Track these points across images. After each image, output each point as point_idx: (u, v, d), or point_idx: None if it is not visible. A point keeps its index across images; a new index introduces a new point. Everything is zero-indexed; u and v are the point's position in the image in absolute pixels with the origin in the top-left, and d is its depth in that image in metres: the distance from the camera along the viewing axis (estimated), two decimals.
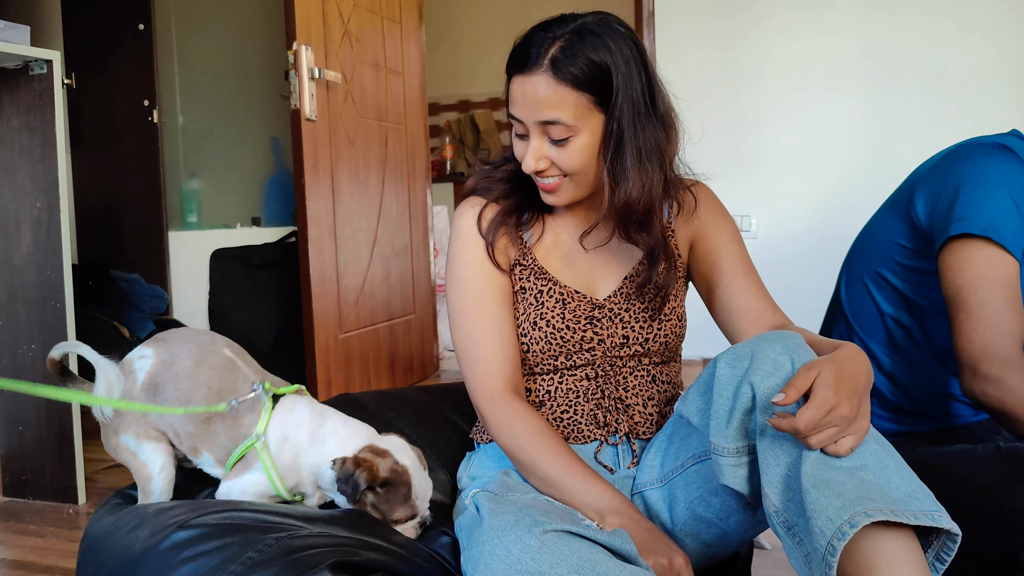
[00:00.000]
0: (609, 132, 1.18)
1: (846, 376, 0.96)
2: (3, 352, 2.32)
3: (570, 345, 1.28)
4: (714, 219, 1.36)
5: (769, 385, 1.01)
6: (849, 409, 0.95)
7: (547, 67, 1.15)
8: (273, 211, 4.09)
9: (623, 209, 1.21)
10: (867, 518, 0.90)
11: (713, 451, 1.06)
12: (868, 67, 3.57)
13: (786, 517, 0.98)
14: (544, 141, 1.20)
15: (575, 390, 1.30)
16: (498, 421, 1.23)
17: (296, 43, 2.73)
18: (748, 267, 1.33)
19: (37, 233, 2.28)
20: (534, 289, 1.31)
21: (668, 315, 1.31)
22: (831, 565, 0.90)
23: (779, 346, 1.03)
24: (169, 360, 1.26)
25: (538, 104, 1.17)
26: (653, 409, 1.31)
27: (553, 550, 0.91)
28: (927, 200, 1.53)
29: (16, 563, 1.90)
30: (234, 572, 0.98)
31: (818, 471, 0.95)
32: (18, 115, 2.28)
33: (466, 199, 1.37)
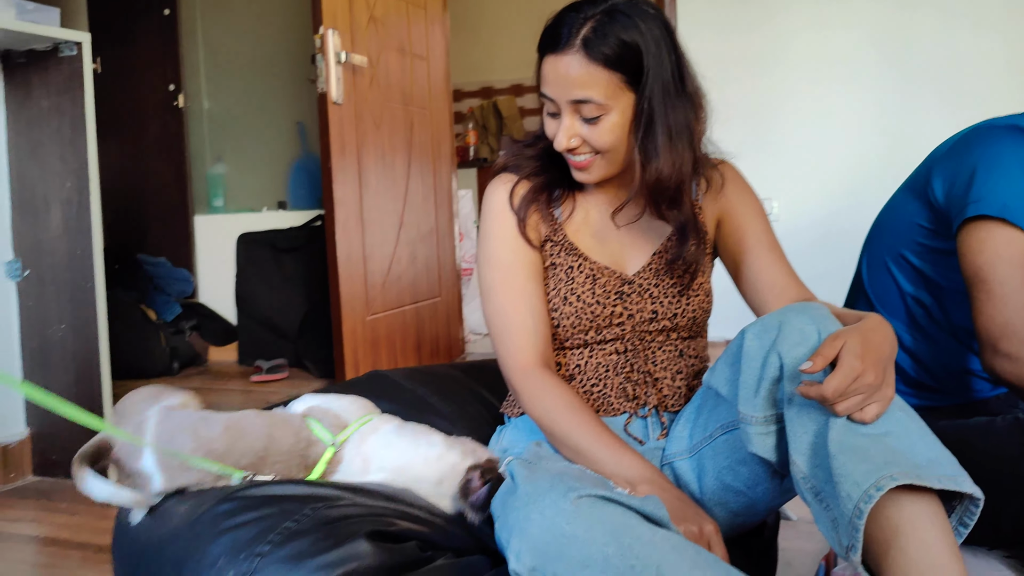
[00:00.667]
0: (640, 111, 1.20)
1: (871, 345, 0.98)
2: (33, 332, 2.34)
3: (600, 320, 1.30)
4: (740, 197, 1.38)
5: (796, 355, 1.03)
6: (875, 377, 0.96)
7: (579, 47, 1.16)
8: (299, 195, 4.10)
9: (654, 186, 1.23)
10: (893, 481, 0.92)
11: (741, 420, 1.08)
12: (883, 54, 3.55)
13: (813, 483, 1.00)
14: (576, 119, 1.21)
15: (604, 364, 1.32)
16: (530, 394, 1.25)
17: (323, 27, 2.72)
18: (773, 243, 1.35)
19: (67, 214, 2.29)
20: (564, 265, 1.32)
21: (696, 291, 1.33)
22: (858, 528, 0.93)
23: (806, 317, 1.05)
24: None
25: (570, 83, 1.18)
26: (681, 382, 1.33)
27: (587, 514, 0.92)
28: (944, 181, 1.55)
29: (49, 540, 1.92)
30: (271, 542, 0.98)
31: (844, 437, 0.97)
32: (48, 97, 2.29)
33: (497, 176, 1.38)
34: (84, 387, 2.30)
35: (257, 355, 3.85)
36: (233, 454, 1.14)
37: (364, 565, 0.95)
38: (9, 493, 2.26)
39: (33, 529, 1.99)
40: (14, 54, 2.32)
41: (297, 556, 0.96)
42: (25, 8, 2.16)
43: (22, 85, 2.32)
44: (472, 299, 4.28)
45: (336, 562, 0.95)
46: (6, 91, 2.35)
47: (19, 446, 2.36)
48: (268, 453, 1.16)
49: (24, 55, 2.31)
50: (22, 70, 2.32)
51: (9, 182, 2.36)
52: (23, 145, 2.33)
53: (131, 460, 1.13)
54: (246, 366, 3.94)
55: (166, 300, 3.93)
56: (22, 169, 2.34)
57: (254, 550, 0.98)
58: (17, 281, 2.36)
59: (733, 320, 1.88)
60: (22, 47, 2.29)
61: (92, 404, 2.30)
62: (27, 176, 2.33)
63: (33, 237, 2.33)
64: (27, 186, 2.34)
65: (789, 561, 1.58)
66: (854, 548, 0.94)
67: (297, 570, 0.95)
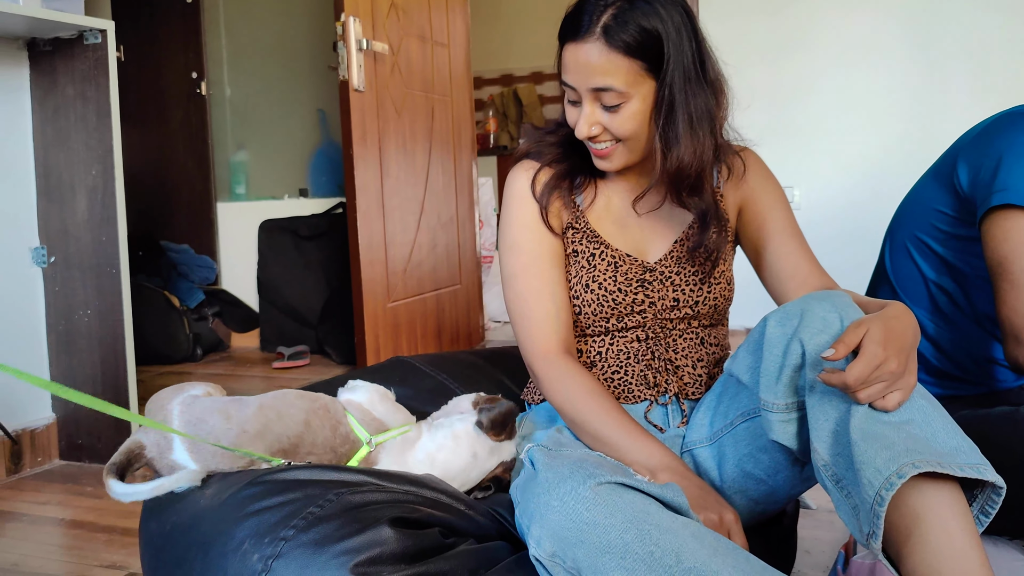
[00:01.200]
0: (661, 98, 1.19)
1: (894, 333, 0.98)
2: (59, 317, 2.36)
3: (621, 307, 1.30)
4: (762, 184, 1.37)
5: (819, 342, 1.02)
6: (897, 365, 0.96)
7: (599, 34, 1.16)
8: (320, 182, 4.11)
9: (675, 174, 1.23)
10: (915, 469, 0.92)
11: (763, 407, 1.08)
12: (910, 40, 3.50)
13: (835, 471, 1.00)
14: (597, 107, 1.21)
15: (626, 351, 1.32)
16: (551, 380, 1.25)
17: (344, 14, 2.73)
18: (795, 231, 1.34)
19: (92, 200, 2.31)
20: (586, 252, 1.32)
21: (718, 278, 1.33)
22: (879, 515, 0.92)
23: (828, 304, 1.05)
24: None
25: (591, 71, 1.18)
26: (702, 370, 1.33)
27: (607, 501, 0.93)
28: (970, 169, 1.55)
29: (76, 523, 1.95)
30: (296, 527, 0.99)
31: (866, 425, 0.97)
32: (73, 84, 2.31)
33: (519, 163, 1.38)
34: (109, 372, 2.33)
35: (279, 341, 3.88)
36: (266, 437, 1.15)
37: (387, 550, 0.96)
38: (36, 477, 2.30)
39: (60, 512, 2.02)
40: (40, 42, 2.34)
41: (321, 541, 0.97)
42: None
43: (48, 73, 2.34)
44: (492, 286, 4.28)
45: (359, 547, 0.96)
46: (32, 79, 2.37)
47: (46, 431, 2.40)
48: (302, 442, 1.17)
49: (50, 43, 2.33)
50: (48, 58, 2.34)
51: (35, 169, 2.38)
52: (49, 132, 2.36)
53: (163, 456, 1.14)
54: (268, 352, 3.97)
55: (189, 287, 3.97)
56: (48, 156, 2.36)
57: (279, 534, 0.99)
58: (43, 267, 2.38)
59: (753, 308, 1.87)
60: (48, 35, 2.31)
61: (117, 389, 2.32)
62: (53, 163, 2.36)
63: (59, 224, 2.36)
64: (53, 173, 2.36)
65: (808, 549, 1.58)
66: (875, 535, 0.94)
67: (321, 555, 0.96)
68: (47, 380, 1.01)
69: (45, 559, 1.75)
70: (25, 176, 2.37)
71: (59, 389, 0.92)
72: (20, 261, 2.36)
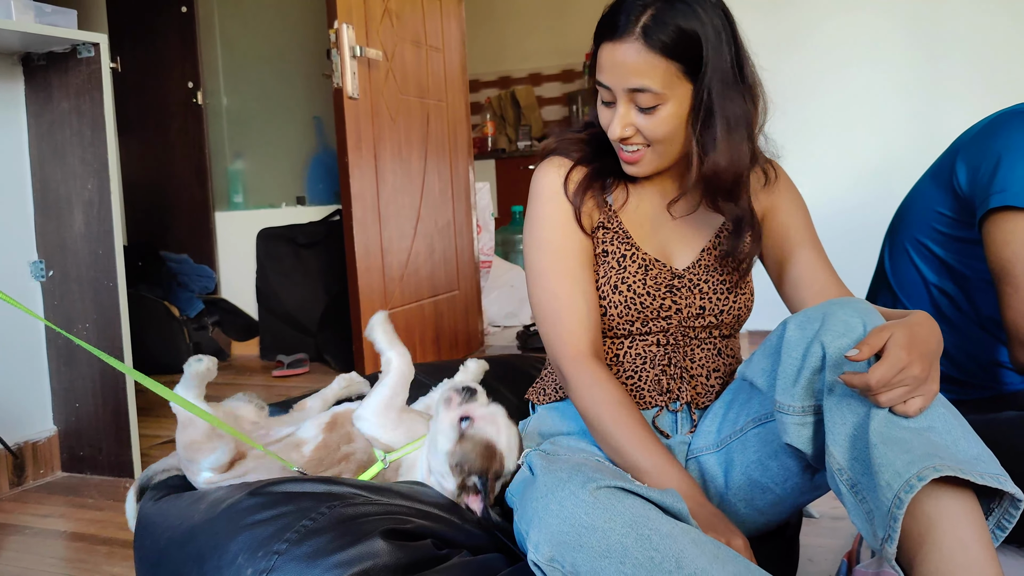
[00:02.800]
0: (699, 102, 1.18)
1: (918, 338, 0.97)
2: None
3: (648, 311, 1.29)
4: (787, 194, 1.37)
5: (840, 345, 1.02)
6: (920, 370, 0.96)
7: (638, 35, 1.15)
8: (317, 190, 4.12)
9: (712, 178, 1.22)
10: (935, 472, 0.91)
11: (778, 410, 1.07)
12: (912, 39, 3.49)
13: (850, 475, 0.99)
14: (632, 109, 1.20)
15: (643, 356, 1.31)
16: (579, 384, 1.22)
17: (337, 21, 2.74)
18: (815, 241, 1.34)
19: (88, 214, 2.32)
20: (617, 253, 1.31)
21: (743, 288, 1.33)
22: (896, 518, 0.92)
23: (850, 309, 1.05)
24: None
25: (627, 71, 1.17)
26: (716, 381, 1.32)
27: (607, 505, 0.93)
28: (968, 169, 1.52)
29: (76, 535, 1.95)
30: (289, 540, 1.00)
31: (886, 429, 0.96)
32: (67, 98, 2.32)
33: (547, 159, 1.35)
34: (109, 384, 2.34)
35: (278, 350, 3.88)
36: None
37: (380, 563, 0.97)
38: (38, 489, 2.31)
39: (61, 524, 2.03)
40: (34, 56, 2.35)
41: (314, 554, 0.97)
42: (43, 11, 2.19)
43: (43, 87, 2.35)
44: (491, 291, 4.29)
45: (352, 560, 0.96)
46: (27, 94, 2.38)
47: (47, 443, 2.40)
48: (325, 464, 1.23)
49: (44, 57, 2.33)
50: (42, 72, 2.34)
51: (32, 184, 2.39)
52: (45, 147, 2.36)
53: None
54: (268, 361, 3.98)
55: (189, 296, 3.98)
56: (44, 171, 2.37)
57: (272, 548, 0.99)
58: (42, 281, 2.39)
59: (770, 314, 1.87)
60: (42, 49, 2.32)
61: (117, 399, 2.33)
62: (50, 178, 2.37)
63: (57, 238, 2.37)
64: (50, 188, 2.37)
65: (811, 558, 1.57)
66: (890, 540, 0.92)
67: (314, 568, 0.96)
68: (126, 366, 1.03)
69: (47, 572, 1.76)
70: (22, 191, 2.38)
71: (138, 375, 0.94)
72: (19, 275, 2.37)
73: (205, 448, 1.23)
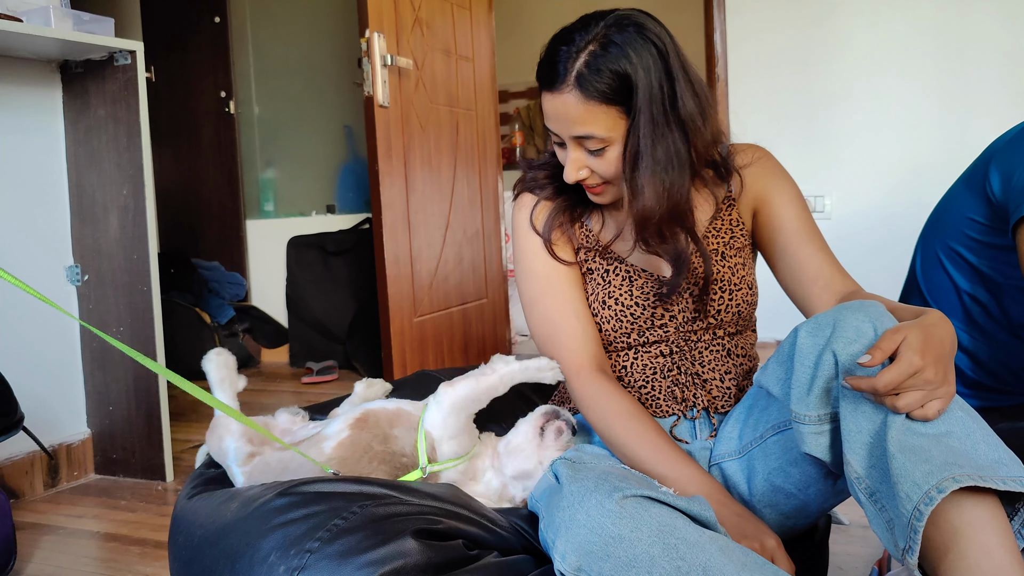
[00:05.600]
0: (627, 145, 1.18)
1: (932, 341, 0.95)
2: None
3: (641, 322, 1.29)
4: (775, 184, 1.34)
5: (852, 352, 1.00)
6: (935, 373, 0.94)
7: (573, 84, 1.15)
8: (347, 198, 4.15)
9: (641, 221, 1.21)
10: (955, 483, 0.89)
11: (794, 419, 1.05)
12: (942, 48, 3.47)
13: (868, 484, 0.97)
14: (582, 152, 1.21)
15: (651, 366, 1.31)
16: (586, 397, 1.24)
17: (369, 30, 2.76)
18: (813, 232, 1.31)
19: (124, 220, 2.35)
20: (600, 269, 1.33)
21: (739, 284, 1.31)
22: (917, 530, 0.90)
23: (862, 314, 1.02)
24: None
25: (570, 121, 1.18)
26: (731, 383, 1.31)
27: (633, 515, 0.92)
28: (1002, 175, 1.50)
29: (110, 536, 1.98)
30: (320, 539, 1.00)
31: (904, 437, 0.94)
32: (104, 105, 2.36)
33: (518, 198, 1.40)
34: (142, 388, 2.37)
35: (308, 357, 3.91)
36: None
37: (411, 563, 0.97)
38: (73, 490, 2.34)
39: (95, 525, 2.05)
40: (72, 64, 2.39)
41: (345, 553, 0.98)
42: (81, 19, 2.23)
43: (80, 94, 2.39)
44: (519, 300, 4.29)
45: (383, 559, 0.96)
46: (65, 101, 2.42)
47: (81, 445, 2.44)
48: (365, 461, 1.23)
49: (81, 65, 2.38)
50: (80, 80, 2.39)
51: (68, 190, 2.43)
52: (82, 154, 2.40)
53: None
54: (297, 368, 4.00)
55: (220, 303, 4.02)
56: (81, 177, 2.41)
57: (304, 546, 1.00)
58: (77, 286, 2.43)
59: (783, 319, 1.85)
60: (79, 57, 2.36)
61: (150, 404, 2.36)
62: (86, 184, 2.40)
63: (92, 243, 2.40)
64: (86, 193, 2.41)
65: (840, 566, 1.56)
66: (911, 551, 0.91)
67: (345, 566, 0.96)
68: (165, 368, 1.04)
69: (80, 571, 1.78)
70: (59, 196, 2.42)
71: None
72: (55, 279, 2.41)
73: (220, 448, 1.28)
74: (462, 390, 1.24)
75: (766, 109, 3.64)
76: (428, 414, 1.24)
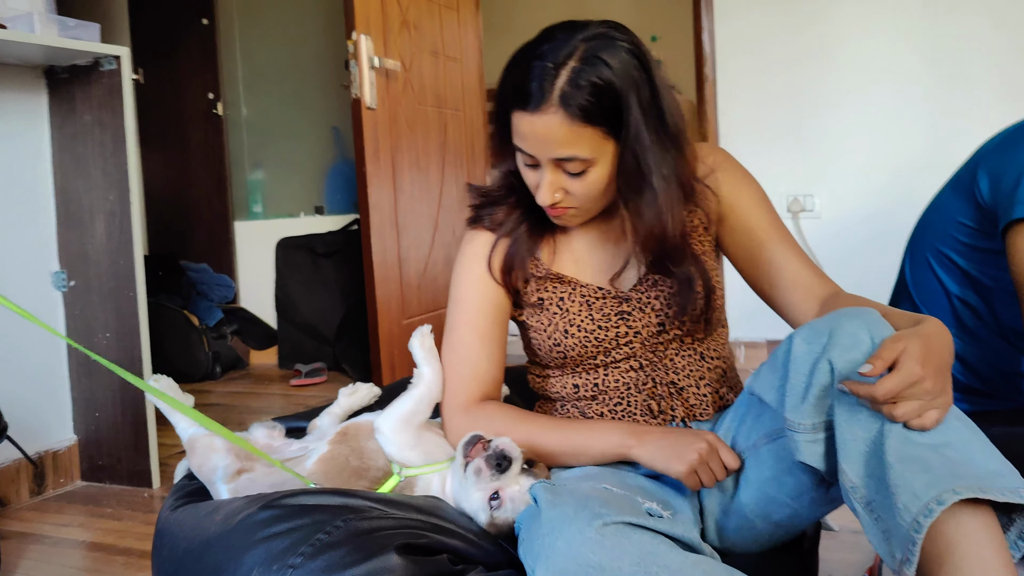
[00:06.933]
0: (626, 166, 1.12)
1: (933, 351, 0.94)
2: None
3: (606, 343, 1.26)
4: (740, 189, 1.30)
5: (848, 360, 0.99)
6: (934, 384, 0.93)
7: (557, 105, 1.07)
8: (335, 200, 4.14)
9: (658, 246, 1.17)
10: (955, 495, 0.88)
11: (788, 427, 1.04)
12: (932, 50, 3.47)
13: (865, 493, 0.96)
14: (560, 174, 1.14)
15: (624, 381, 1.27)
16: (477, 424, 1.21)
17: (355, 32, 2.75)
18: (784, 235, 1.28)
19: (110, 225, 2.34)
20: (555, 297, 1.28)
21: (700, 292, 1.25)
22: (916, 542, 0.89)
23: (859, 322, 1.01)
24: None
25: (552, 143, 1.10)
26: (707, 389, 1.28)
27: (613, 543, 0.90)
28: (991, 179, 1.50)
29: (95, 545, 1.97)
30: (303, 553, 1.00)
31: (903, 447, 0.94)
32: (90, 111, 2.34)
33: (474, 230, 1.32)
34: (128, 394, 2.35)
35: (296, 359, 3.90)
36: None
37: None
38: (59, 498, 2.32)
39: (80, 534, 2.04)
40: (57, 69, 2.37)
41: (328, 568, 0.97)
42: (67, 25, 2.21)
43: (66, 100, 2.38)
44: None
45: (366, 575, 0.96)
46: (51, 106, 2.41)
47: (67, 452, 2.42)
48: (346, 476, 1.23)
49: (67, 70, 2.36)
50: (65, 85, 2.37)
51: (54, 195, 2.42)
52: (67, 159, 2.39)
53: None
54: (286, 370, 3.99)
55: (208, 305, 4.00)
56: (66, 182, 2.40)
57: (286, 561, 0.99)
58: (63, 291, 2.42)
59: (762, 319, 1.84)
60: (65, 62, 2.34)
61: (136, 410, 2.35)
62: (71, 189, 2.39)
63: (78, 248, 2.39)
64: (72, 199, 2.39)
65: (830, 573, 1.55)
66: (908, 563, 0.90)
67: None
68: None
69: None
70: (45, 202, 2.40)
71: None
72: (41, 285, 2.39)
73: (207, 467, 1.27)
74: (395, 414, 1.25)
75: (756, 109, 3.63)
76: (379, 440, 1.25)
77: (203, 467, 1.27)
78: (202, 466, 1.28)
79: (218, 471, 1.25)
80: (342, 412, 1.45)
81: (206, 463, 1.27)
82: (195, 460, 1.29)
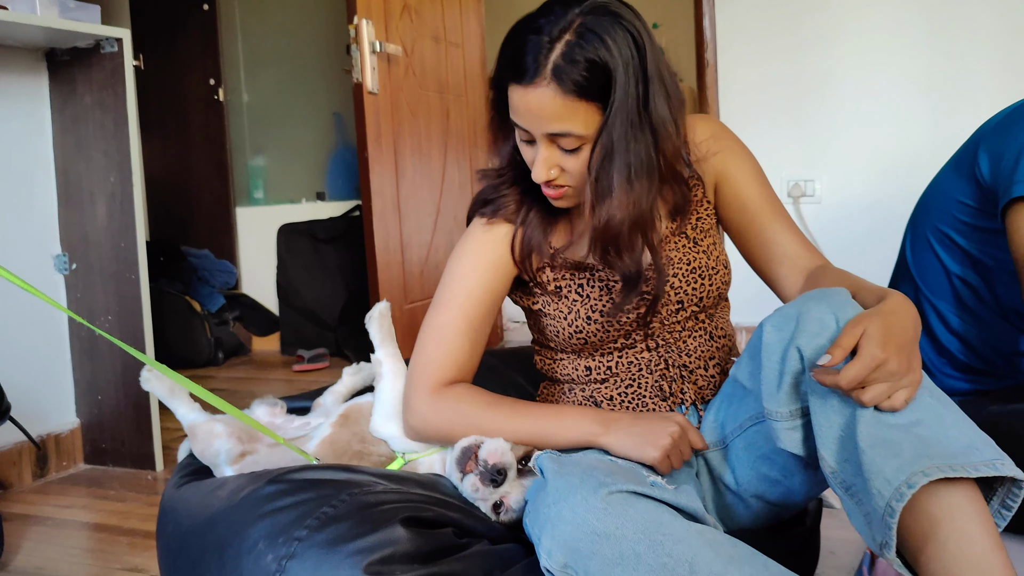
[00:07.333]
0: (599, 142, 1.09)
1: (893, 330, 0.94)
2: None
3: (628, 325, 1.24)
4: (733, 160, 1.28)
5: (815, 346, 0.99)
6: (898, 364, 0.92)
7: (551, 78, 1.05)
8: (337, 186, 4.14)
9: (604, 230, 1.13)
10: (925, 477, 0.89)
11: (767, 416, 1.05)
12: (933, 32, 3.46)
13: (843, 478, 0.97)
14: (554, 150, 1.12)
15: (637, 363, 1.26)
16: (443, 407, 1.19)
17: (357, 17, 2.74)
18: (777, 209, 1.27)
19: (111, 207, 2.34)
20: (573, 284, 1.26)
21: (715, 267, 1.26)
22: (891, 526, 0.90)
23: (824, 305, 1.01)
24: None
25: (545, 118, 1.08)
26: (715, 370, 1.29)
27: (618, 511, 0.91)
28: (991, 158, 1.51)
29: (100, 526, 1.97)
30: (309, 527, 1.00)
31: (874, 430, 0.94)
32: (91, 93, 2.34)
33: (488, 220, 1.27)
34: (131, 377, 2.35)
35: (299, 344, 3.90)
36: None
37: (400, 550, 0.96)
38: (62, 480, 2.33)
39: (84, 515, 2.05)
40: (58, 52, 2.36)
41: (334, 541, 0.97)
42: (67, 6, 2.21)
43: (67, 82, 2.37)
44: None
45: (372, 547, 0.96)
46: (51, 88, 2.40)
47: (70, 435, 2.43)
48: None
49: (68, 52, 2.35)
50: (66, 67, 2.36)
51: (56, 177, 2.41)
52: (69, 141, 2.38)
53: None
54: (288, 355, 3.99)
55: (210, 291, 4.00)
56: (68, 164, 2.39)
57: (292, 534, 1.00)
58: (65, 274, 2.41)
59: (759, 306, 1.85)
60: (66, 45, 2.34)
61: (138, 393, 2.35)
62: (73, 171, 2.39)
63: (80, 231, 2.39)
64: (73, 181, 2.39)
65: (833, 550, 1.56)
66: (887, 546, 0.91)
67: (334, 555, 0.96)
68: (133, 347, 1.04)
69: (69, 562, 1.77)
70: (46, 184, 2.40)
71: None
72: (43, 268, 2.39)
73: (209, 452, 1.27)
74: (382, 413, 1.26)
75: (756, 95, 3.62)
76: (384, 439, 1.26)
77: (206, 452, 1.28)
78: (204, 451, 1.28)
79: (221, 455, 1.26)
80: (346, 391, 1.45)
81: (208, 448, 1.27)
82: (197, 446, 1.29)
